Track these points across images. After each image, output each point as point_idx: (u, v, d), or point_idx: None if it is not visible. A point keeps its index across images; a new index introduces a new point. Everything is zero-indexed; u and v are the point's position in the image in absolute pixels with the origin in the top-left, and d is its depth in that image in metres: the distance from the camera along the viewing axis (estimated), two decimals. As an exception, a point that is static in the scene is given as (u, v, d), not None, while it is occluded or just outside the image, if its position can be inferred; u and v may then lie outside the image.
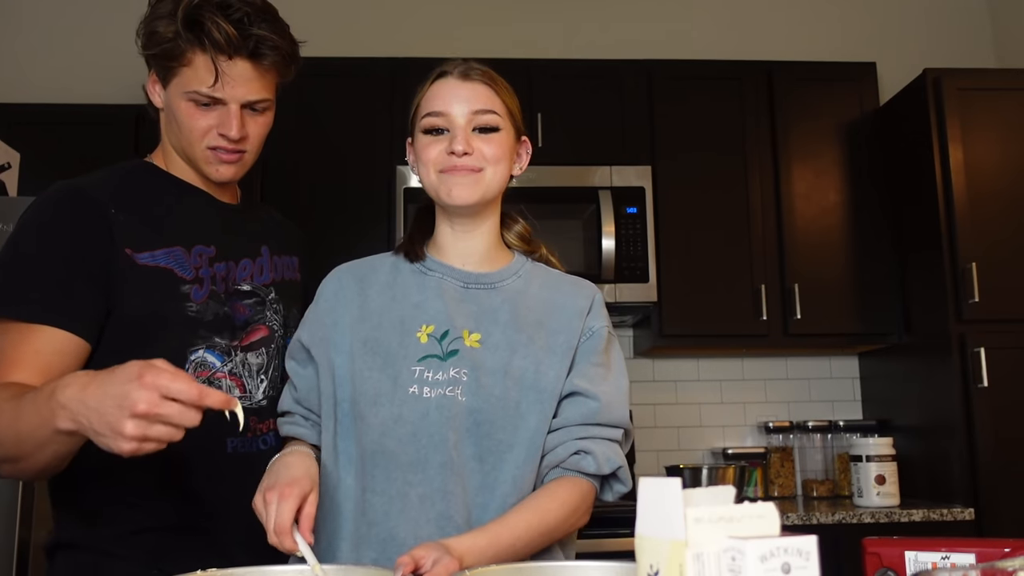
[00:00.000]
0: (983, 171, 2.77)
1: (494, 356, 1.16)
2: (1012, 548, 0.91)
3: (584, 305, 1.23)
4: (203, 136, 1.23)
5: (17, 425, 1.01)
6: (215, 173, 1.26)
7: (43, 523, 2.34)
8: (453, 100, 1.19)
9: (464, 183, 1.18)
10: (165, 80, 1.24)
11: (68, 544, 1.22)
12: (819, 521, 2.55)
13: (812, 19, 3.58)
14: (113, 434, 0.90)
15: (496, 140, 1.20)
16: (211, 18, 1.16)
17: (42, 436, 0.99)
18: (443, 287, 1.22)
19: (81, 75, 3.32)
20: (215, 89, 1.19)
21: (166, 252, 1.21)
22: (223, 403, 0.93)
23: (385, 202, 2.89)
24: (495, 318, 1.20)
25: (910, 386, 2.98)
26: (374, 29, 3.41)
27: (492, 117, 1.20)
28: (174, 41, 1.18)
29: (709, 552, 0.58)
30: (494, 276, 1.24)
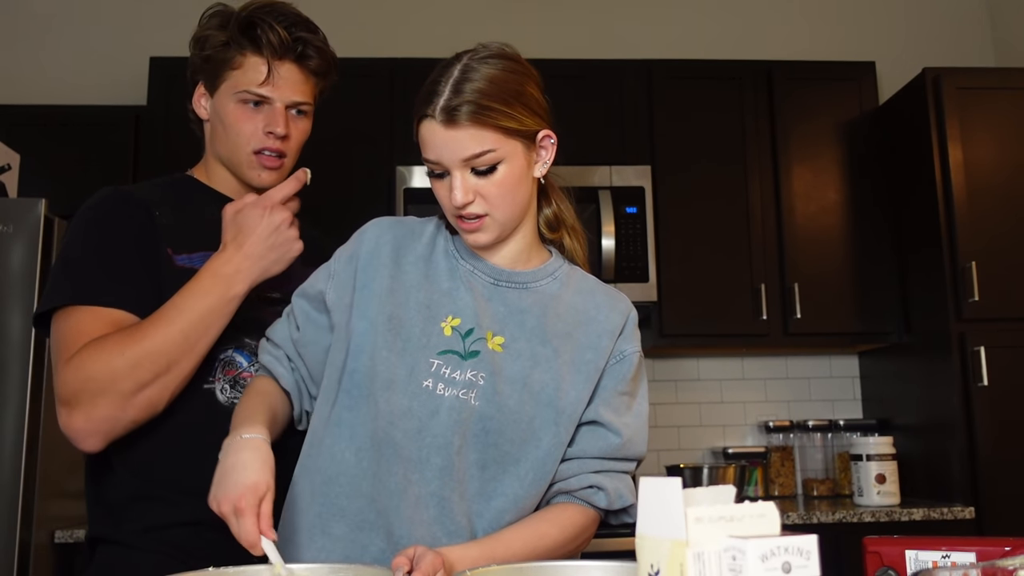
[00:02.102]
0: (982, 170, 2.77)
1: (515, 364, 1.12)
2: (1012, 547, 0.91)
3: (617, 323, 1.19)
4: (250, 138, 1.29)
5: (182, 321, 1.15)
6: (257, 178, 1.31)
7: (43, 523, 2.34)
8: (442, 149, 1.09)
9: (476, 233, 1.12)
10: (214, 87, 1.31)
11: (100, 538, 1.25)
12: (819, 520, 2.55)
13: (812, 19, 3.58)
14: (288, 245, 1.19)
15: (497, 179, 1.10)
16: (264, 22, 1.26)
17: (215, 315, 1.16)
18: (472, 281, 1.17)
19: (81, 76, 3.32)
20: (265, 86, 1.27)
21: (202, 256, 1.26)
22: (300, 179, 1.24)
23: (385, 202, 2.90)
24: (522, 321, 1.15)
25: (910, 385, 2.98)
26: (374, 29, 3.41)
27: (487, 157, 1.08)
28: (227, 45, 1.27)
29: (710, 551, 0.58)
30: (527, 276, 1.18)
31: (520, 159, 1.12)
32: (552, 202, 1.24)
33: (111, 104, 3.17)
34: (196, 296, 1.17)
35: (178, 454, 1.23)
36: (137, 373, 1.13)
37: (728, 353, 3.30)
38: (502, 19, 3.47)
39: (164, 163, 2.92)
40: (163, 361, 1.14)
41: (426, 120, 1.10)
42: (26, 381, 2.28)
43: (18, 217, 2.33)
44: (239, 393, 1.25)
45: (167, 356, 1.15)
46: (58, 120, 2.99)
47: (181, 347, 1.15)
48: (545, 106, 1.19)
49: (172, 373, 1.16)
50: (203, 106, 1.35)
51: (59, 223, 2.42)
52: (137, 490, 1.24)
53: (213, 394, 1.25)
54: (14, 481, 2.25)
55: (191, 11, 3.84)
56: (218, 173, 1.37)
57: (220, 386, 1.26)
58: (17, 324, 2.30)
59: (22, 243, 2.33)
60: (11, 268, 2.32)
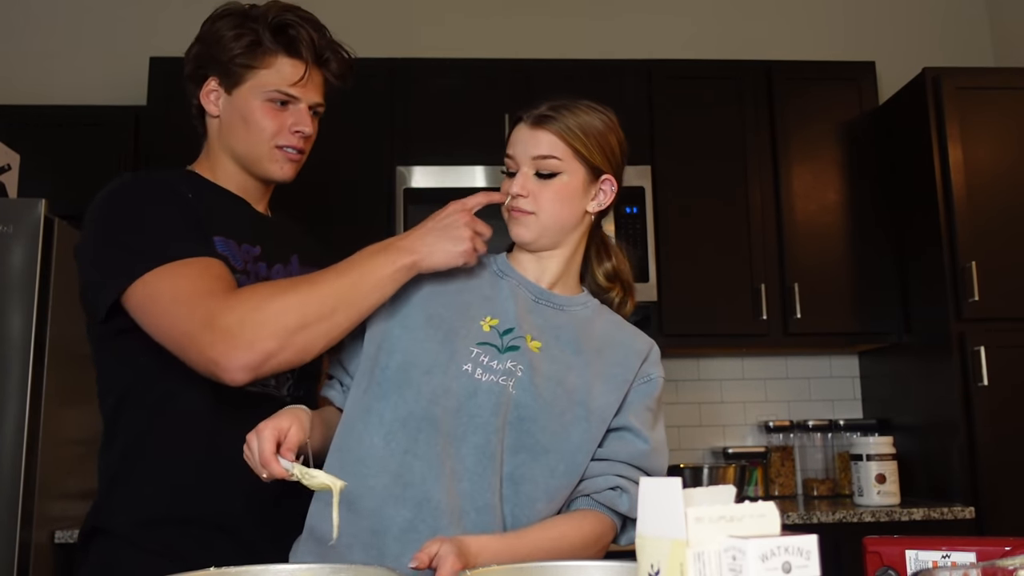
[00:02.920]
0: (982, 170, 2.77)
1: (551, 366, 1.21)
2: (1012, 547, 0.91)
3: (643, 349, 1.28)
4: (275, 134, 1.32)
5: (353, 273, 1.17)
6: (279, 171, 1.35)
7: (43, 523, 2.34)
8: (519, 144, 1.27)
9: (519, 226, 1.25)
10: (233, 84, 1.32)
11: (98, 529, 1.26)
12: (820, 520, 2.55)
13: (811, 19, 3.58)
14: (458, 241, 1.18)
15: (555, 186, 1.24)
16: (298, 26, 1.31)
17: (381, 278, 1.17)
18: (516, 293, 1.27)
19: (81, 76, 3.32)
20: (296, 87, 1.31)
21: (223, 240, 1.28)
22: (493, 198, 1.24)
23: (385, 202, 2.89)
24: (558, 335, 1.25)
25: (910, 385, 2.98)
26: (374, 29, 3.41)
27: (552, 163, 1.24)
28: (257, 44, 1.29)
29: (710, 551, 0.58)
30: (563, 299, 1.29)
31: (578, 182, 1.26)
32: (612, 257, 1.36)
33: (111, 104, 3.16)
34: (368, 256, 1.18)
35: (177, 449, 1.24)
36: (304, 311, 1.14)
37: (728, 353, 3.30)
38: (503, 19, 3.47)
39: (164, 163, 2.91)
40: (329, 305, 1.15)
41: (518, 123, 1.30)
42: (26, 381, 2.28)
43: (18, 217, 2.33)
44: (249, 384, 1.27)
45: (333, 302, 1.15)
46: (58, 120, 2.99)
47: (348, 297, 1.16)
48: (619, 159, 1.31)
49: (333, 320, 1.16)
50: (214, 102, 1.35)
51: (59, 223, 2.42)
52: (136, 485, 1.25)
53: None
54: (14, 481, 2.25)
55: (191, 11, 3.85)
56: (224, 168, 1.37)
57: None
58: (17, 324, 2.30)
59: (22, 243, 2.33)
60: (11, 268, 2.32)
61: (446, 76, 3.02)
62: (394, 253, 1.18)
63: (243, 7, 1.34)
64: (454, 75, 3.03)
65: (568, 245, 1.29)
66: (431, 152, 2.94)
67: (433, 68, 3.03)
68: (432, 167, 2.88)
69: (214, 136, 1.37)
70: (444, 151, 2.94)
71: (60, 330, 2.42)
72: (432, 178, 2.88)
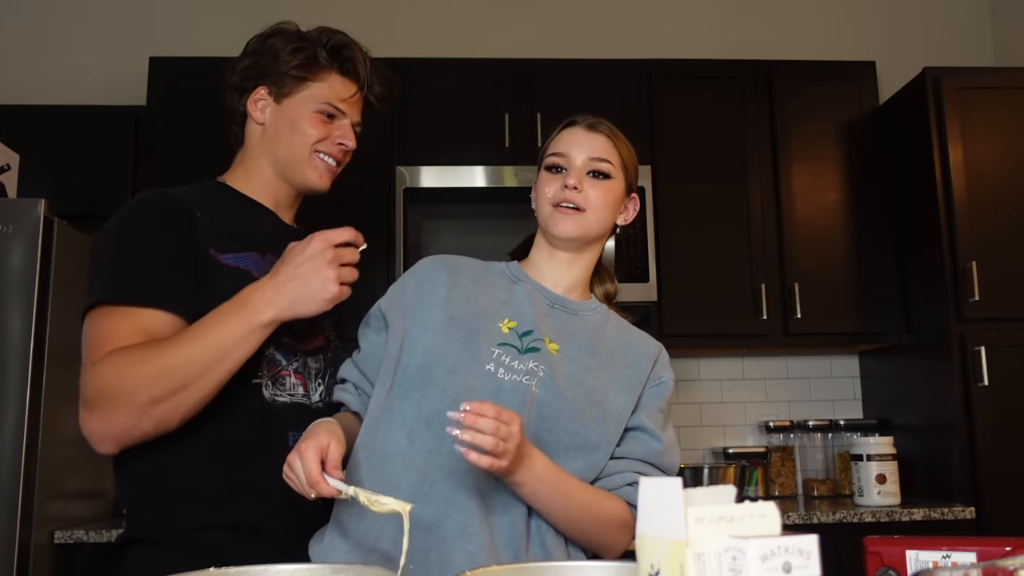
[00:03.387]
0: (983, 170, 2.77)
1: (570, 367, 1.25)
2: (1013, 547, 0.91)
3: (653, 352, 1.32)
4: (319, 140, 1.38)
5: (204, 342, 1.15)
6: (317, 178, 1.40)
7: (43, 523, 2.34)
8: (575, 145, 1.32)
9: (568, 220, 1.28)
10: (285, 95, 1.39)
11: (134, 540, 1.27)
12: (820, 520, 2.55)
13: (812, 18, 3.58)
14: (321, 283, 1.15)
15: (605, 187, 1.31)
16: (352, 49, 1.42)
17: (237, 339, 1.16)
18: (532, 296, 1.31)
19: (81, 76, 3.32)
20: (345, 103, 1.40)
21: (244, 255, 1.31)
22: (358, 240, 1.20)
23: (385, 202, 2.89)
24: (573, 338, 1.28)
25: (910, 385, 2.98)
26: (373, 29, 3.41)
27: (606, 165, 1.31)
28: (313, 59, 1.38)
29: (710, 552, 0.57)
30: (576, 304, 1.33)
31: (619, 192, 1.34)
32: (611, 281, 1.44)
33: (111, 104, 3.16)
34: (221, 320, 1.17)
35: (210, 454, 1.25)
36: (153, 388, 1.15)
37: (728, 353, 3.30)
38: (503, 19, 3.47)
39: (164, 163, 2.92)
40: (180, 379, 1.15)
41: (571, 127, 1.35)
42: (26, 381, 2.28)
43: (18, 217, 2.33)
44: (279, 390, 1.30)
45: (184, 375, 1.15)
46: (58, 120, 2.99)
47: (199, 368, 1.16)
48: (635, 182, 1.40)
49: (188, 392, 1.16)
50: (260, 109, 1.41)
51: (59, 223, 2.42)
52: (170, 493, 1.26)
53: (260, 389, 1.28)
54: (14, 481, 2.25)
55: (191, 11, 3.86)
56: (260, 175, 1.42)
57: (265, 382, 1.29)
58: (17, 324, 2.30)
59: (22, 243, 2.33)
60: (11, 268, 2.32)
61: (446, 76, 3.02)
62: (249, 313, 1.16)
63: (295, 28, 1.43)
64: (454, 75, 3.03)
65: (591, 252, 1.35)
66: (431, 152, 2.94)
67: (433, 68, 3.03)
68: (432, 167, 2.88)
69: (255, 143, 1.43)
70: (444, 151, 2.94)
71: (60, 330, 2.42)
72: (432, 178, 2.88)
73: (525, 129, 2.99)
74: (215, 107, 2.93)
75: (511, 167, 2.91)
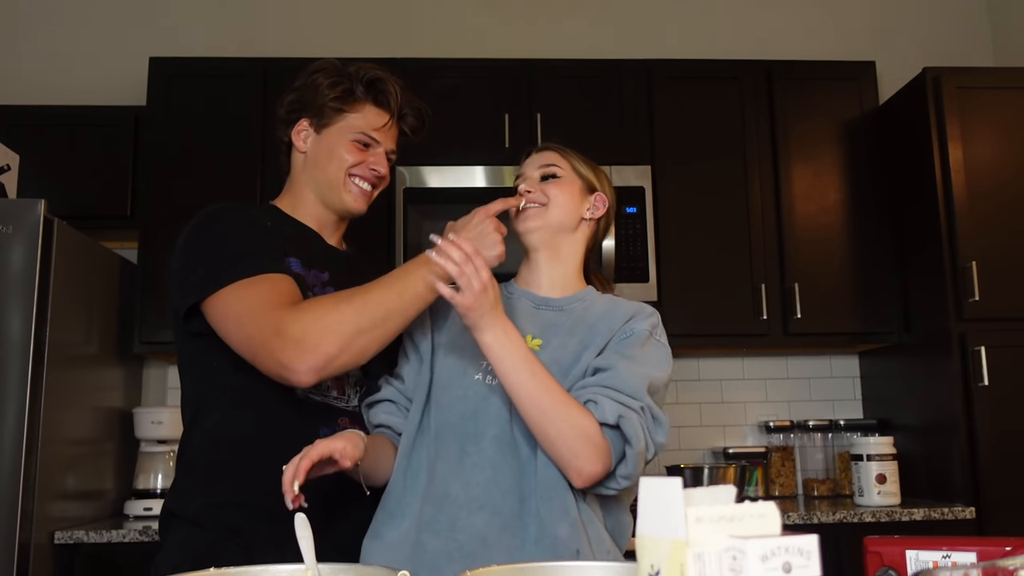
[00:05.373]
0: (983, 169, 2.77)
1: (550, 354, 1.38)
2: (1013, 547, 0.91)
3: (628, 312, 1.42)
4: (354, 165, 1.51)
5: (397, 285, 1.33)
6: (352, 201, 1.53)
7: (43, 523, 2.34)
8: (528, 165, 1.54)
9: (529, 218, 1.46)
10: (324, 125, 1.52)
11: (171, 513, 1.42)
12: (820, 520, 2.55)
13: (811, 18, 3.58)
14: (493, 246, 1.35)
15: (557, 183, 1.48)
16: (387, 82, 1.54)
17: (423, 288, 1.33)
18: (517, 306, 1.47)
19: (81, 76, 3.32)
20: (379, 132, 1.53)
21: (298, 262, 1.45)
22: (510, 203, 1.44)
23: (385, 202, 2.89)
24: (556, 331, 1.42)
25: (910, 385, 2.98)
26: (373, 30, 3.41)
27: (553, 168, 1.50)
28: (350, 92, 1.51)
29: (710, 552, 0.57)
30: (561, 301, 1.47)
31: (573, 188, 1.50)
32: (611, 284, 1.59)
33: (111, 104, 3.16)
34: (414, 269, 1.35)
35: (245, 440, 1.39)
36: (359, 319, 1.30)
37: (728, 353, 3.30)
38: (503, 19, 3.47)
39: (164, 163, 2.92)
40: (380, 314, 1.32)
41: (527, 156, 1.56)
42: (26, 381, 2.28)
43: (18, 217, 2.33)
44: (313, 391, 1.41)
45: (384, 311, 1.32)
46: (58, 120, 2.99)
47: (395, 307, 1.32)
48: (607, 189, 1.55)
49: (384, 327, 1.33)
50: (303, 140, 1.54)
51: (59, 223, 2.42)
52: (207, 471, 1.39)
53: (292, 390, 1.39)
54: (14, 481, 2.25)
55: (191, 11, 3.86)
56: (304, 201, 1.54)
57: None
58: (17, 324, 2.30)
59: (22, 243, 2.33)
60: (11, 268, 2.32)
61: (446, 76, 3.02)
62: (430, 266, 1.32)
63: (338, 63, 1.55)
64: (454, 75, 3.03)
65: (566, 248, 1.49)
66: (431, 152, 2.93)
67: (433, 68, 3.03)
68: (432, 167, 2.88)
69: (299, 170, 1.56)
70: (444, 151, 2.94)
71: (60, 330, 2.42)
72: (432, 178, 2.88)
73: (525, 129, 2.99)
74: (215, 107, 2.95)
75: (511, 167, 2.91)
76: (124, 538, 2.40)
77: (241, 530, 1.35)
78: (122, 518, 2.71)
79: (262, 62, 2.97)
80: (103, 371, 2.79)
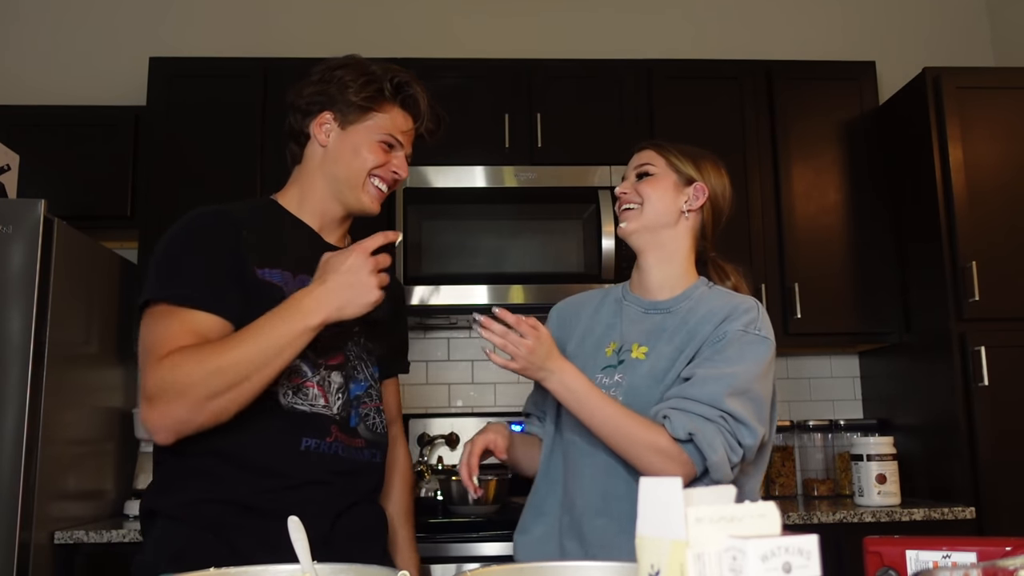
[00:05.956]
0: (983, 169, 2.77)
1: (653, 363, 1.47)
2: (1013, 547, 0.91)
3: (725, 313, 1.46)
4: (376, 168, 1.51)
5: (258, 342, 1.27)
6: (369, 201, 1.53)
7: (43, 523, 2.34)
8: (628, 168, 1.61)
9: (627, 217, 1.55)
10: (350, 122, 1.50)
11: (150, 511, 1.41)
12: (820, 520, 2.55)
13: (811, 18, 3.58)
14: (366, 291, 1.29)
15: (650, 180, 1.55)
16: (415, 86, 1.55)
17: (288, 339, 1.28)
18: (627, 313, 1.57)
19: (81, 76, 3.32)
20: (404, 135, 1.53)
21: (279, 272, 1.42)
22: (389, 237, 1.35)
23: (385, 202, 2.87)
24: (660, 335, 1.50)
25: (911, 385, 2.97)
26: (373, 30, 3.41)
27: (647, 167, 1.56)
28: (380, 92, 1.51)
29: (710, 552, 0.57)
30: (669, 303, 1.54)
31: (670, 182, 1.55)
32: (731, 276, 1.64)
33: (111, 104, 3.16)
34: (275, 321, 1.29)
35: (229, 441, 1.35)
36: (211, 383, 1.26)
37: (728, 353, 3.29)
38: (502, 19, 3.47)
39: (164, 163, 2.92)
40: (235, 375, 1.26)
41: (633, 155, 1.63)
42: (26, 381, 2.28)
43: (18, 217, 2.33)
44: (300, 399, 1.40)
45: (239, 372, 1.26)
46: (58, 120, 2.99)
47: (254, 365, 1.27)
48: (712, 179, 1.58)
49: (242, 388, 1.27)
50: (325, 133, 1.51)
51: (59, 223, 2.42)
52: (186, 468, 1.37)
53: (277, 397, 1.38)
54: (14, 481, 2.25)
55: (191, 11, 3.86)
56: (314, 194, 1.52)
57: (283, 391, 1.38)
58: (17, 324, 2.30)
59: (22, 244, 2.33)
60: (11, 268, 2.31)
61: (446, 76, 3.02)
62: (302, 315, 1.28)
63: (363, 61, 1.54)
64: (454, 75, 3.03)
65: (671, 245, 1.55)
66: (431, 152, 2.92)
67: (433, 68, 3.03)
68: (432, 167, 2.88)
69: (314, 162, 1.53)
70: (444, 151, 2.93)
71: (60, 330, 2.42)
72: (432, 178, 2.88)
73: (525, 129, 2.99)
74: (215, 107, 2.95)
75: (511, 167, 2.91)
76: (124, 538, 2.40)
77: (223, 524, 1.33)
78: (122, 518, 2.71)
79: (262, 62, 2.97)
80: (103, 371, 2.78)
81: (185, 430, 1.28)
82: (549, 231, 2.86)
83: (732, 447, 1.36)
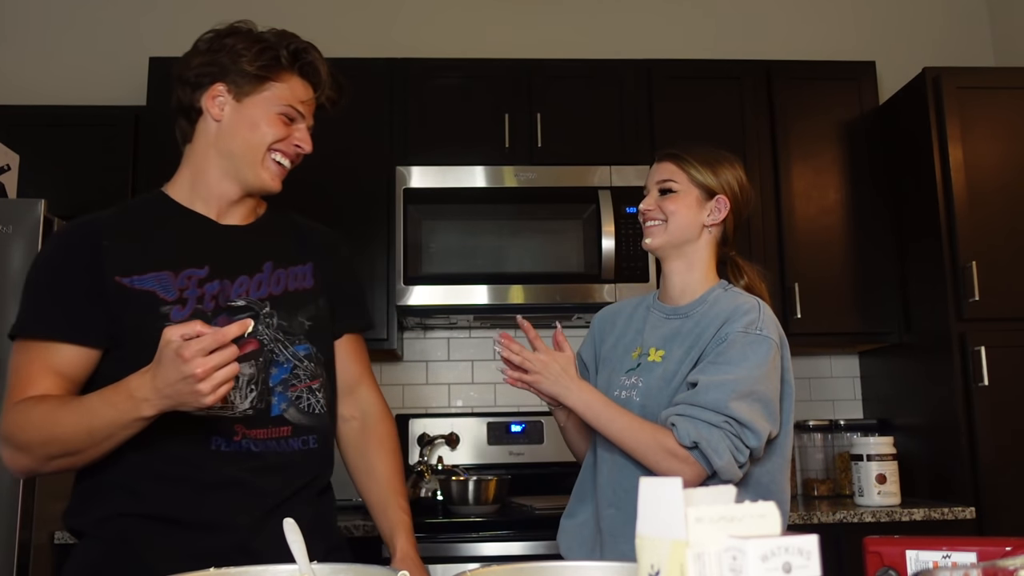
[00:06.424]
0: (983, 169, 2.77)
1: (667, 366, 1.55)
2: (1013, 547, 0.91)
3: (725, 316, 1.53)
4: (277, 143, 1.41)
5: (90, 422, 1.21)
6: (269, 179, 1.42)
7: (43, 523, 2.34)
8: (649, 178, 1.66)
9: (652, 233, 1.62)
10: (245, 93, 1.40)
11: (73, 531, 1.37)
12: (820, 520, 2.55)
13: (812, 18, 3.58)
14: (195, 398, 1.14)
15: (673, 197, 1.60)
16: (312, 53, 1.45)
17: (119, 426, 1.20)
18: (652, 319, 1.66)
19: (81, 76, 3.32)
20: (304, 105, 1.43)
21: (153, 276, 1.34)
22: (240, 328, 1.15)
23: (385, 202, 2.89)
24: (676, 339, 1.58)
25: (911, 385, 2.97)
26: (373, 29, 3.41)
27: (669, 183, 1.61)
28: (276, 61, 1.41)
29: (710, 552, 0.57)
30: (687, 308, 1.62)
31: (692, 198, 1.61)
32: (745, 275, 1.69)
33: (111, 104, 3.16)
34: (108, 405, 1.21)
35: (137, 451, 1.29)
36: (49, 448, 1.26)
37: (728, 353, 3.29)
38: (502, 19, 3.47)
39: (164, 163, 2.91)
40: (69, 447, 1.25)
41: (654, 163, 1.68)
42: (26, 381, 2.28)
43: (18, 217, 2.33)
44: None
45: (73, 446, 1.24)
46: (58, 120, 2.99)
47: (86, 442, 1.24)
48: (735, 188, 1.65)
49: (78, 456, 1.26)
50: (218, 106, 1.42)
51: (59, 223, 2.42)
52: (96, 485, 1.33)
53: None
54: (14, 481, 2.25)
55: (191, 11, 3.86)
56: (207, 177, 1.43)
57: None
58: (17, 324, 2.30)
59: (22, 243, 2.33)
60: (11, 268, 2.32)
61: (446, 76, 3.02)
62: (132, 405, 1.18)
63: (252, 29, 1.45)
64: (454, 75, 3.03)
65: (695, 254, 1.62)
66: (431, 152, 2.94)
67: (433, 68, 3.03)
68: (432, 167, 2.88)
69: (207, 139, 1.44)
70: (444, 151, 2.94)
71: (60, 330, 2.42)
72: (432, 178, 2.88)
73: (525, 129, 2.99)
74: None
75: (511, 167, 2.91)
76: (124, 538, 2.40)
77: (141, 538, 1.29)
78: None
79: (262, 62, 2.97)
80: (103, 371, 2.78)
81: (38, 473, 1.30)
82: (549, 231, 2.85)
83: (738, 449, 1.44)
